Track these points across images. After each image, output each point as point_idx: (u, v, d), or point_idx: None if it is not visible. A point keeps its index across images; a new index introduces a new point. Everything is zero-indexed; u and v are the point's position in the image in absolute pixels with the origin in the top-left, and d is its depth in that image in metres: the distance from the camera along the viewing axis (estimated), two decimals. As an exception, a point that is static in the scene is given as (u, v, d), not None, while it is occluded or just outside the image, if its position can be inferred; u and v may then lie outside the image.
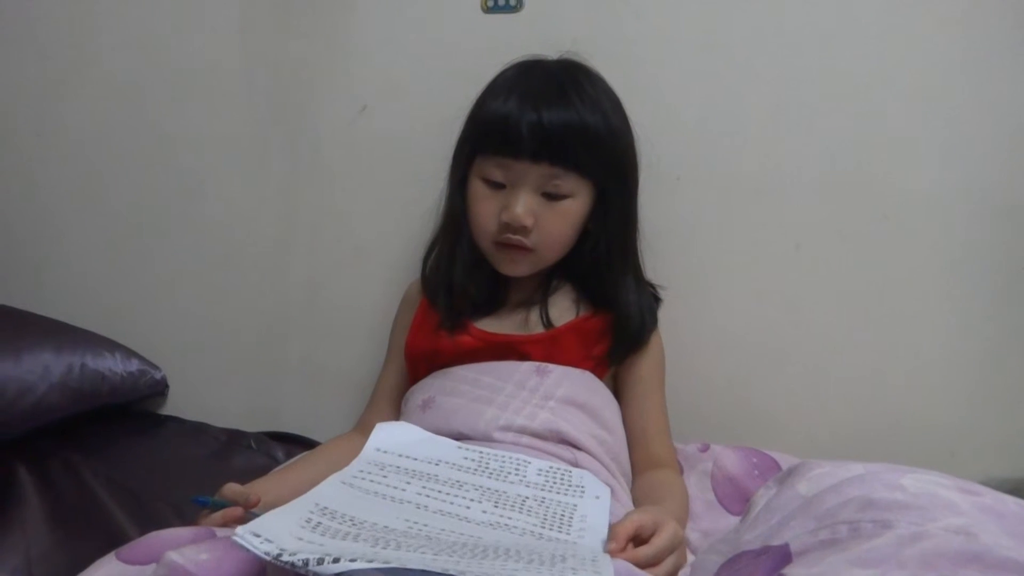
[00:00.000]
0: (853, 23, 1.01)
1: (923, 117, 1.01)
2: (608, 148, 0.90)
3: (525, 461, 0.79)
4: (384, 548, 0.54)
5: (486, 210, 0.91)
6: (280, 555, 0.49)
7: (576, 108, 0.87)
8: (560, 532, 0.67)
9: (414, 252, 1.07)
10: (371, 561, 0.48)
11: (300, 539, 0.54)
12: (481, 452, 0.80)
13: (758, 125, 1.05)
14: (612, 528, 0.66)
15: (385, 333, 1.06)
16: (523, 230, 0.88)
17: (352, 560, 0.48)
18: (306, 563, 0.48)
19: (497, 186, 0.90)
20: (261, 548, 0.50)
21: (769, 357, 1.08)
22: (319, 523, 0.58)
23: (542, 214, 0.89)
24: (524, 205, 0.88)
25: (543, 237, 0.90)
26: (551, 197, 0.89)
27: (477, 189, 0.91)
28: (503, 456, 0.79)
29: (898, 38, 1.01)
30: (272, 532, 0.52)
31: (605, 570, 0.55)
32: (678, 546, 0.66)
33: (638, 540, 0.66)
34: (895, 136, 1.02)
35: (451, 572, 0.49)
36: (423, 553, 0.53)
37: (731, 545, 0.59)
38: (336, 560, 0.48)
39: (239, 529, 0.51)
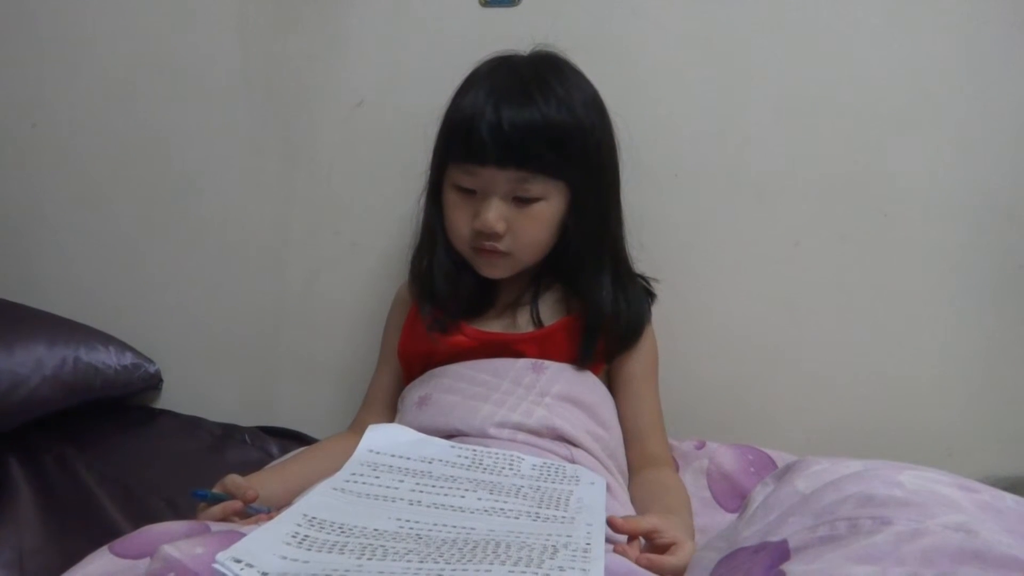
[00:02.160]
0: (853, 20, 1.01)
1: (923, 116, 1.01)
2: (578, 146, 0.87)
3: (519, 458, 0.78)
4: (370, 559, 0.54)
5: (459, 218, 0.89)
6: None
7: (539, 107, 0.84)
8: (557, 510, 0.67)
9: (410, 248, 1.07)
10: None
11: (284, 558, 0.53)
12: (474, 450, 0.79)
13: (757, 122, 1.04)
14: (628, 521, 0.66)
15: (380, 328, 1.06)
16: (495, 236, 0.87)
17: None
18: None
19: (469, 192, 0.88)
20: (242, 574, 0.50)
21: (767, 355, 1.08)
22: (306, 536, 0.57)
23: (514, 219, 0.87)
24: (494, 212, 0.86)
25: (517, 241, 0.88)
26: (522, 201, 0.87)
27: (450, 197, 0.90)
28: (497, 453, 0.79)
29: (898, 37, 1.01)
30: (253, 555, 0.52)
31: (596, 561, 0.55)
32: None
33: (649, 542, 0.67)
34: (895, 134, 1.02)
35: None
36: (408, 561, 0.54)
37: (728, 541, 0.59)
38: None
39: (219, 555, 0.51)
